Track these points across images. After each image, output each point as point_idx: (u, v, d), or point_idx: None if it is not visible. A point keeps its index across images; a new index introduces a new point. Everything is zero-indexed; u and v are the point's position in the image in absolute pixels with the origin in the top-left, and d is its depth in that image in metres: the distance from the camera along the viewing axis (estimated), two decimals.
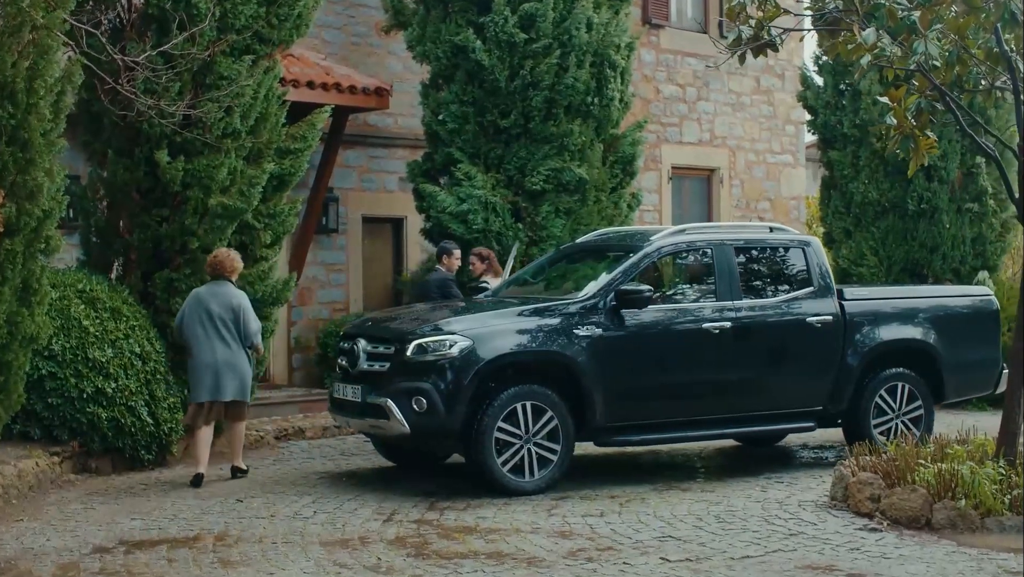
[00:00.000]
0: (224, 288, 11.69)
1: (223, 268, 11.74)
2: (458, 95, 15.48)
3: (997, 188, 18.10)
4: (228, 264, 11.77)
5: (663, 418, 11.68)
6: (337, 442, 14.08)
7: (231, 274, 11.80)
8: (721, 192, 20.92)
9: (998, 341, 13.34)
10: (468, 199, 15.12)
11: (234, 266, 11.82)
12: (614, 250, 12.46)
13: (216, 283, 11.71)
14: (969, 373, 13.08)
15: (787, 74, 21.83)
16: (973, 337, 13.11)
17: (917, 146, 10.97)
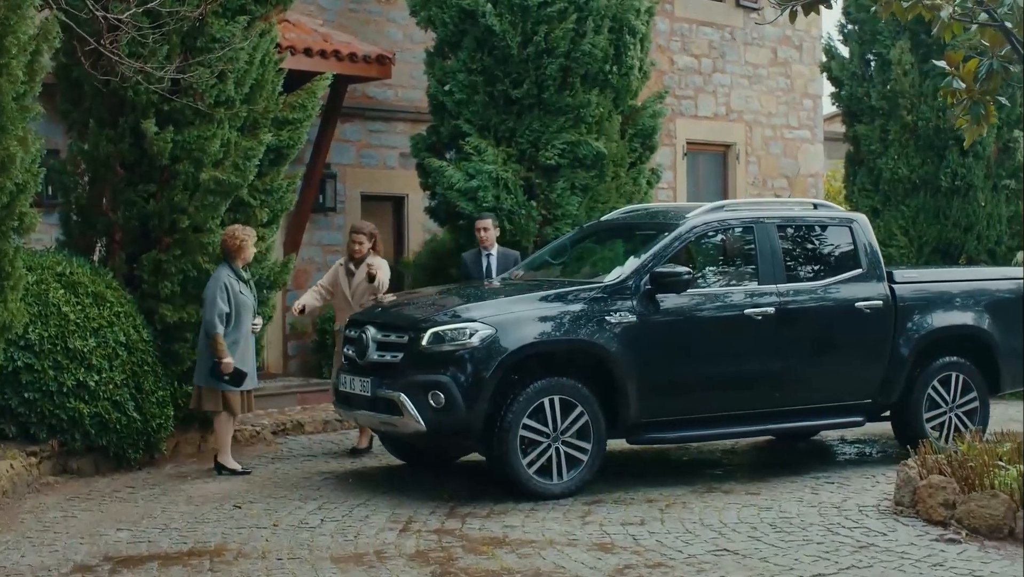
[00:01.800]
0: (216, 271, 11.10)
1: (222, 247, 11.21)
2: (466, 63, 14.42)
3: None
4: (224, 243, 11.13)
5: (701, 413, 10.65)
6: (340, 437, 13.02)
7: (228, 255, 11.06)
8: (737, 169, 19.88)
9: None
10: (477, 175, 14.05)
11: (229, 246, 11.02)
12: (645, 229, 11.42)
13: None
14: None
15: (804, 45, 20.80)
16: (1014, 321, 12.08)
17: (987, 112, 9.93)
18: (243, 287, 10.99)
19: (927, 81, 16.83)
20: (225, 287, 10.79)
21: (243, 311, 10.94)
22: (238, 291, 10.89)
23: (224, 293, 10.78)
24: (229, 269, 10.93)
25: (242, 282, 10.99)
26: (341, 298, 12.01)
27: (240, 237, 10.96)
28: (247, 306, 11.00)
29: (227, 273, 10.88)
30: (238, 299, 10.88)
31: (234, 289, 10.86)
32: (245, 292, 11.00)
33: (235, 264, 10.98)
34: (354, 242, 12.00)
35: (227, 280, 10.83)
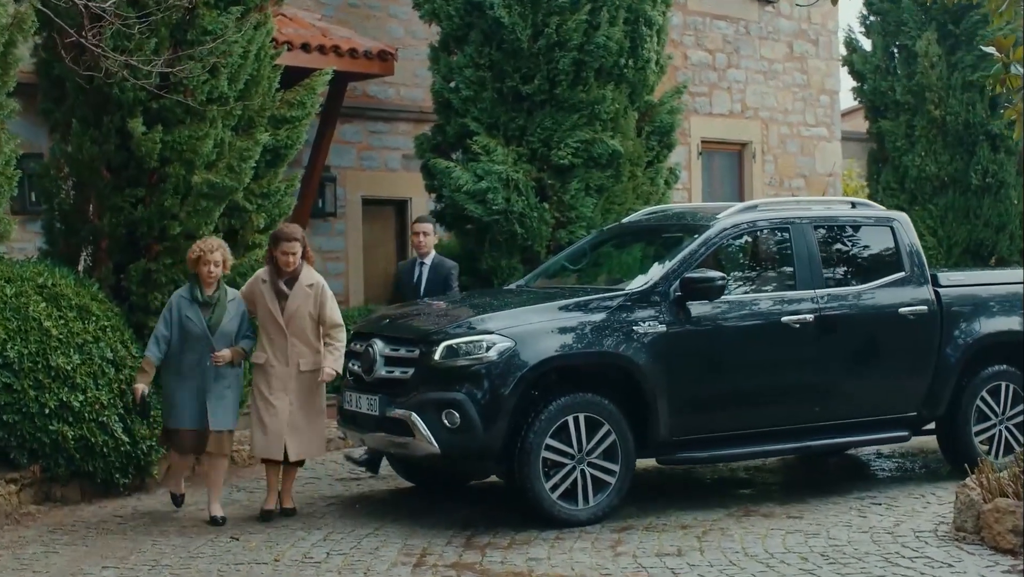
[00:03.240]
0: None
1: None
2: (473, 58, 13.63)
3: None
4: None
5: (735, 429, 9.83)
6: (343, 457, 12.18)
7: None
8: (753, 168, 19.08)
9: None
10: (487, 176, 13.25)
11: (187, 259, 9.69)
12: (671, 231, 10.62)
13: None
14: None
15: (821, 39, 19.99)
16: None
17: None
18: (193, 311, 9.31)
19: (955, 74, 16.09)
20: (171, 308, 9.40)
21: (188, 339, 9.29)
22: (184, 315, 9.30)
23: (168, 313, 9.40)
24: (188, 289, 9.44)
25: (197, 304, 9.31)
26: (270, 326, 9.54)
27: (195, 250, 9.37)
28: (194, 334, 9.28)
29: (181, 294, 9.45)
30: (183, 324, 9.29)
31: (179, 311, 9.33)
32: (195, 317, 9.30)
33: (197, 283, 9.40)
34: (285, 253, 9.45)
35: (176, 300, 9.42)
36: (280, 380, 9.45)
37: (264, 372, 9.49)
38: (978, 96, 15.95)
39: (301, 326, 9.47)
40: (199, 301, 9.32)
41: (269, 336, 9.50)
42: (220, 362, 9.30)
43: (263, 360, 9.49)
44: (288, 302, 9.48)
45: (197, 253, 9.29)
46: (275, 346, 9.47)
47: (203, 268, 9.30)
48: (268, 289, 9.53)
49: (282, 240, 9.50)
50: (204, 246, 9.34)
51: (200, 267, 9.30)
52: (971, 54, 15.99)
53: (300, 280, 9.51)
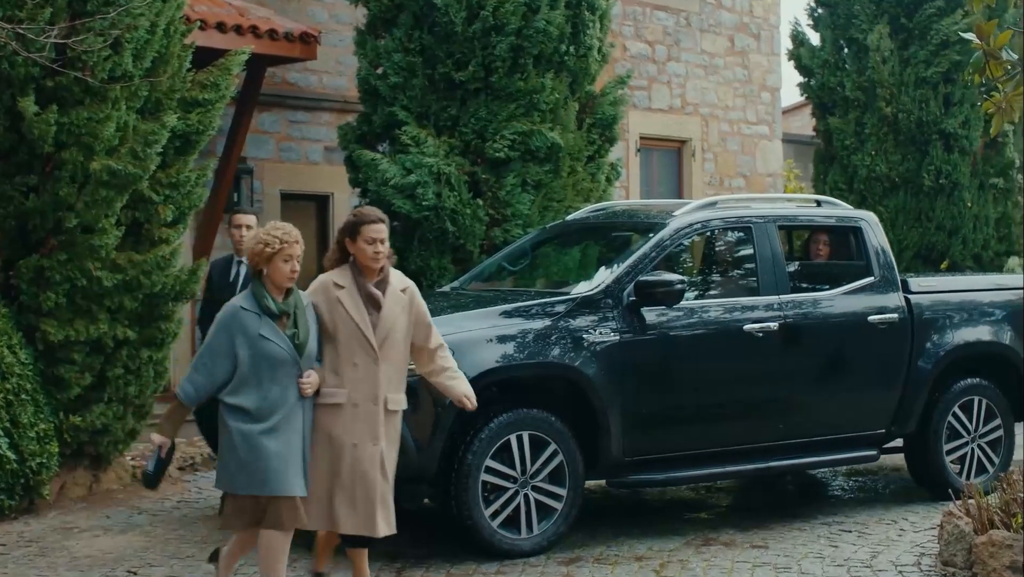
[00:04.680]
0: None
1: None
2: (403, 42, 12.61)
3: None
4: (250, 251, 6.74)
5: (694, 449, 8.94)
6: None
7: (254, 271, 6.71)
8: (693, 167, 18.23)
9: None
10: (416, 169, 12.23)
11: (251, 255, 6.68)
12: (621, 230, 9.76)
13: None
14: None
15: (763, 34, 19.23)
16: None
17: None
18: (269, 327, 6.56)
19: (908, 69, 15.32)
20: (228, 328, 6.54)
21: (272, 365, 6.51)
22: (257, 334, 6.52)
23: (223, 335, 6.54)
24: (248, 298, 6.61)
25: (270, 318, 6.58)
26: (355, 348, 6.85)
27: (268, 240, 6.57)
28: (277, 360, 6.52)
29: (240, 305, 6.59)
30: (258, 348, 6.51)
31: (245, 331, 6.52)
32: (274, 336, 6.55)
33: (263, 287, 6.60)
34: (372, 240, 6.93)
35: (232, 315, 6.58)
36: (367, 425, 6.77)
37: (339, 416, 6.75)
38: (931, 93, 15.20)
39: (395, 347, 6.91)
40: (272, 313, 6.56)
41: (352, 362, 6.79)
42: (310, 390, 6.60)
43: (340, 398, 6.76)
44: (383, 314, 6.89)
45: (275, 244, 6.53)
46: (359, 377, 6.78)
47: (282, 266, 6.54)
48: (350, 296, 6.85)
49: (366, 223, 6.90)
50: (282, 234, 6.60)
51: (277, 264, 6.53)
52: (925, 49, 15.25)
53: (392, 283, 7.03)
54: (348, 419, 6.73)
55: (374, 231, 6.89)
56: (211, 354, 6.51)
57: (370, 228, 6.89)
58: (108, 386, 10.05)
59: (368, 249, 6.87)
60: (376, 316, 6.86)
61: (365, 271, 6.92)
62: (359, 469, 6.72)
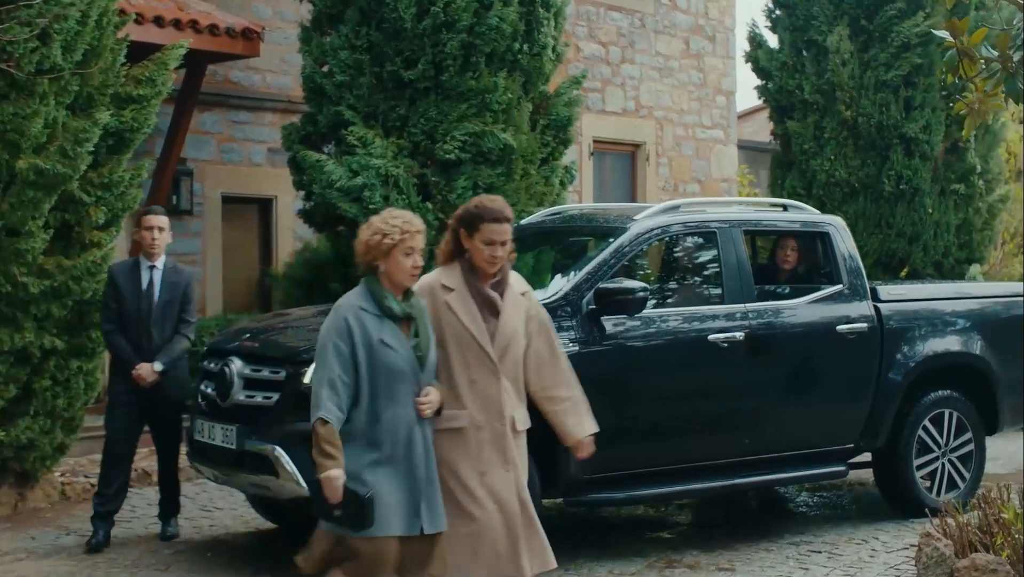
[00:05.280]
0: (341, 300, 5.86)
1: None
2: (349, 39, 12.11)
3: (985, 166, 15.29)
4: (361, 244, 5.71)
5: (656, 465, 8.48)
6: (196, 490, 10.57)
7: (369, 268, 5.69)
8: (647, 171, 17.81)
9: None
10: (363, 171, 11.73)
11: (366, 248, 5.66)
12: (579, 234, 9.31)
13: None
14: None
15: (718, 36, 18.84)
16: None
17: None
18: (391, 332, 5.56)
19: (868, 72, 14.96)
20: (348, 330, 5.51)
21: (391, 379, 5.52)
22: (379, 340, 5.52)
23: (345, 340, 5.49)
24: (365, 296, 5.60)
25: (392, 321, 5.57)
26: (471, 360, 5.83)
27: (386, 229, 5.56)
28: (398, 373, 5.53)
29: (358, 304, 5.57)
30: (378, 357, 5.51)
31: (365, 336, 5.52)
32: (396, 343, 5.56)
33: (379, 286, 5.60)
34: (492, 241, 5.86)
35: (354, 318, 5.53)
36: (496, 450, 5.80)
37: (462, 442, 5.77)
38: (892, 97, 14.84)
39: (515, 359, 5.92)
40: (395, 316, 5.55)
41: (469, 377, 5.79)
42: (430, 411, 5.59)
43: (462, 421, 5.76)
44: (502, 321, 5.87)
45: (395, 235, 5.53)
46: (478, 393, 5.79)
47: (402, 261, 5.54)
48: (461, 300, 5.82)
49: (487, 220, 5.84)
50: (403, 223, 5.58)
51: (397, 258, 5.53)
52: (885, 51, 14.88)
53: (511, 285, 6.00)
54: (473, 445, 5.70)
55: (496, 232, 5.81)
56: (341, 362, 5.39)
57: (491, 228, 5.80)
58: (35, 399, 9.47)
59: (485, 251, 5.79)
60: (494, 324, 5.80)
61: (479, 272, 5.86)
62: (497, 499, 5.70)
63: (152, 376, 8.56)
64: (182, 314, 8.82)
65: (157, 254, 8.86)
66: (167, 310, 8.74)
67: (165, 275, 8.83)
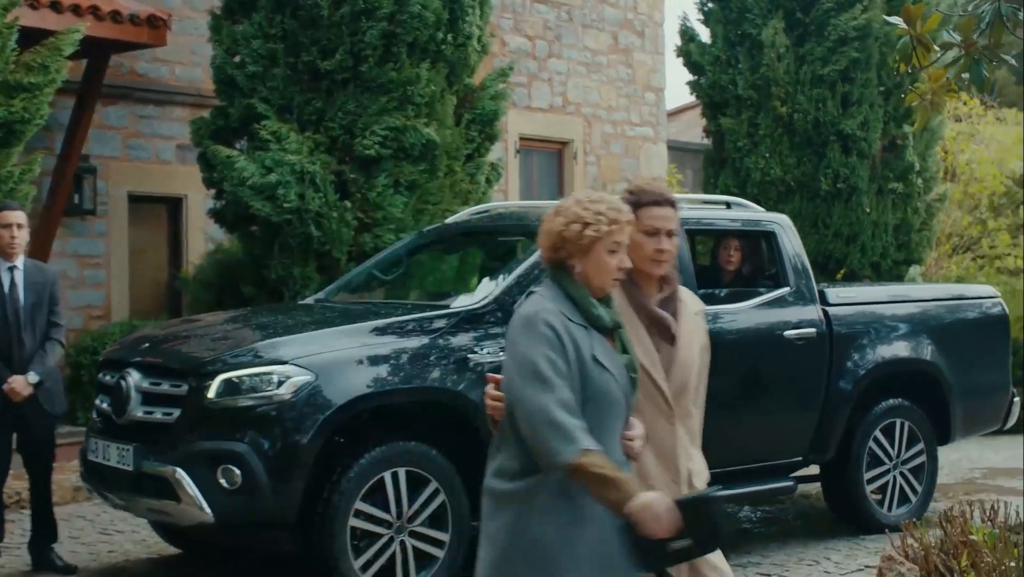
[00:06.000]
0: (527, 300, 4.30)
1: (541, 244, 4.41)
2: (262, 27, 11.41)
3: (923, 164, 14.84)
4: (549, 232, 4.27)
5: None
6: (95, 511, 9.81)
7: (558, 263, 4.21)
8: (575, 170, 17.21)
9: (1008, 359, 9.94)
10: (277, 167, 11.03)
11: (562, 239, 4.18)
12: (510, 234, 8.67)
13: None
14: (978, 403, 9.65)
15: (647, 31, 18.29)
16: (981, 354, 9.68)
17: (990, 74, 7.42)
18: (603, 348, 4.09)
19: (804, 67, 14.44)
20: (560, 342, 3.99)
21: (605, 410, 4.02)
22: (593, 358, 4.04)
23: (560, 356, 3.96)
24: (562, 301, 4.10)
25: (600, 333, 4.11)
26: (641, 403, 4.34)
27: (585, 219, 4.11)
28: (612, 399, 4.04)
29: (562, 307, 4.07)
30: (593, 380, 4.02)
31: (579, 353, 4.01)
32: (609, 361, 4.08)
33: (581, 289, 4.12)
34: (656, 230, 4.50)
35: (562, 327, 4.01)
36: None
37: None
38: (829, 92, 14.33)
39: (690, 395, 4.60)
40: (605, 327, 4.12)
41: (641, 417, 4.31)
42: (638, 445, 4.14)
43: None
44: (678, 349, 4.51)
45: (599, 226, 4.08)
46: (650, 444, 4.38)
47: (606, 260, 4.09)
48: (626, 321, 4.31)
49: (645, 204, 4.48)
50: (607, 209, 4.12)
51: (599, 255, 4.10)
52: (822, 46, 14.37)
53: (684, 302, 4.61)
54: None
55: (659, 217, 4.46)
56: (565, 381, 3.91)
57: (653, 213, 4.45)
58: None
59: (647, 244, 4.42)
60: (669, 353, 4.46)
61: (640, 280, 4.49)
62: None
63: (27, 389, 7.77)
64: (50, 317, 8.04)
65: (16, 253, 8.00)
66: (35, 313, 7.95)
67: (27, 276, 8.04)
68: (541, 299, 4.10)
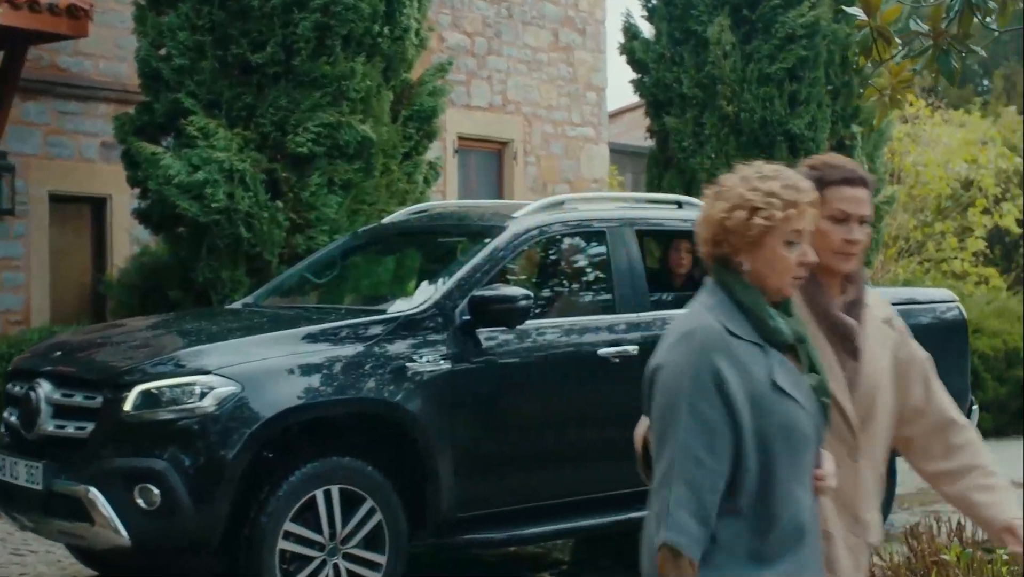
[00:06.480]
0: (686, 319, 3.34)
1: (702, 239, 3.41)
2: (190, 18, 10.93)
3: (872, 165, 14.53)
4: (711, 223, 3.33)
5: (542, 500, 7.42)
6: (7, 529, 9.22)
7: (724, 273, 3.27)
8: (515, 171, 16.78)
9: (967, 365, 9.61)
10: (205, 165, 10.55)
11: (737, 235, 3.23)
12: (450, 235, 8.29)
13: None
14: None
15: (588, 29, 17.88)
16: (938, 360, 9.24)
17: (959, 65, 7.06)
18: (785, 371, 3.17)
19: (751, 65, 14.09)
20: (719, 379, 3.08)
21: (793, 449, 3.13)
22: (767, 384, 3.12)
23: (712, 402, 3.06)
24: (729, 311, 3.19)
25: (775, 350, 3.18)
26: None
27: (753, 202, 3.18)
28: (802, 436, 3.15)
29: (722, 326, 3.15)
30: (773, 414, 3.11)
31: (750, 382, 3.10)
32: (792, 385, 3.16)
33: (754, 295, 3.20)
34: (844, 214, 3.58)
35: (724, 356, 3.10)
36: (852, 568, 3.61)
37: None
38: (776, 91, 13.99)
39: (880, 427, 3.67)
40: (783, 342, 3.22)
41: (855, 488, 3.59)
42: (832, 485, 3.28)
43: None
44: (863, 360, 3.63)
45: (774, 211, 3.17)
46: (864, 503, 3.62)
47: (782, 255, 3.20)
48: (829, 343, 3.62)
49: (834, 182, 3.60)
50: (783, 189, 3.19)
51: (774, 248, 3.21)
52: (769, 43, 14.04)
53: (870, 306, 3.72)
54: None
55: (850, 200, 3.58)
56: (708, 438, 3.04)
57: (842, 194, 3.57)
58: None
59: (834, 233, 3.55)
60: (854, 369, 3.59)
61: (824, 277, 3.59)
62: None
63: None
64: None
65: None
66: None
67: None
68: (700, 311, 3.21)
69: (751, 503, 3.10)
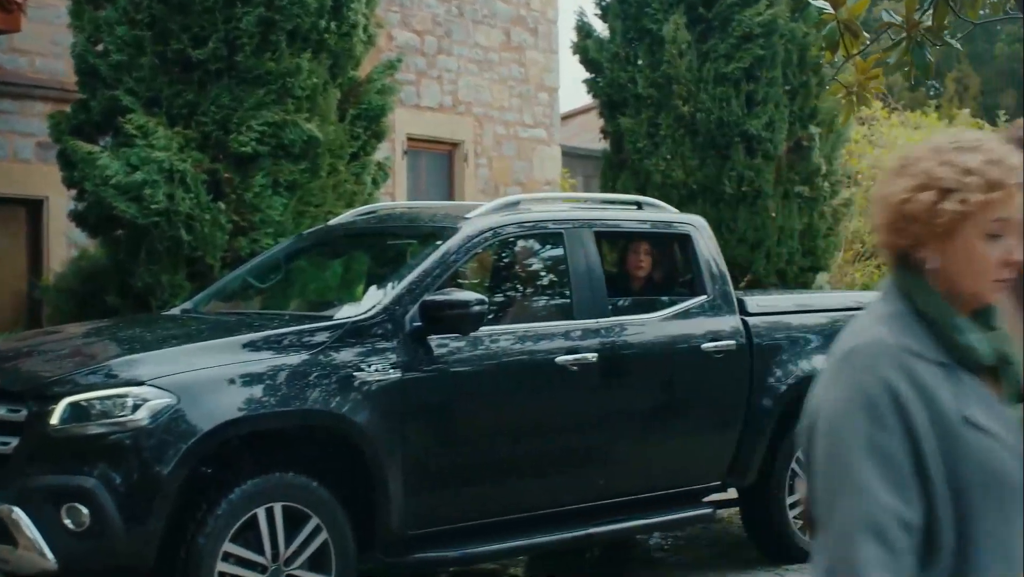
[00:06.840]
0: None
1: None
2: (128, 12, 10.49)
3: (830, 167, 14.25)
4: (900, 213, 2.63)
5: (497, 516, 7.08)
6: None
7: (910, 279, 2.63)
8: (466, 172, 16.42)
9: None
10: (143, 165, 10.11)
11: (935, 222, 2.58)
12: (400, 237, 7.95)
13: None
14: None
15: (540, 29, 17.57)
16: None
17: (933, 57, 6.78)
18: (980, 400, 2.53)
19: (707, 64, 13.77)
20: (897, 405, 2.43)
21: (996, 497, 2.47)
22: (957, 420, 2.47)
23: (892, 433, 2.42)
24: (907, 323, 2.55)
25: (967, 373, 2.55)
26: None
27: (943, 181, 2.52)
28: (1010, 477, 2.49)
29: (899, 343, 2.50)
30: (967, 454, 2.46)
31: (936, 412, 2.45)
32: (990, 418, 2.51)
33: (937, 301, 2.56)
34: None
35: (902, 377, 2.45)
36: None
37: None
38: (733, 91, 13.68)
39: None
40: (978, 363, 2.56)
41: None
42: None
43: None
44: None
45: (970, 193, 2.51)
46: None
47: (981, 250, 2.55)
48: None
49: None
50: (985, 164, 2.51)
51: (969, 243, 2.55)
52: (725, 42, 13.73)
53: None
54: None
55: None
56: (892, 478, 2.41)
57: None
58: None
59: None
60: None
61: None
62: None
63: None
64: None
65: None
66: None
67: None
68: (870, 323, 2.55)
69: (947, 564, 2.44)
